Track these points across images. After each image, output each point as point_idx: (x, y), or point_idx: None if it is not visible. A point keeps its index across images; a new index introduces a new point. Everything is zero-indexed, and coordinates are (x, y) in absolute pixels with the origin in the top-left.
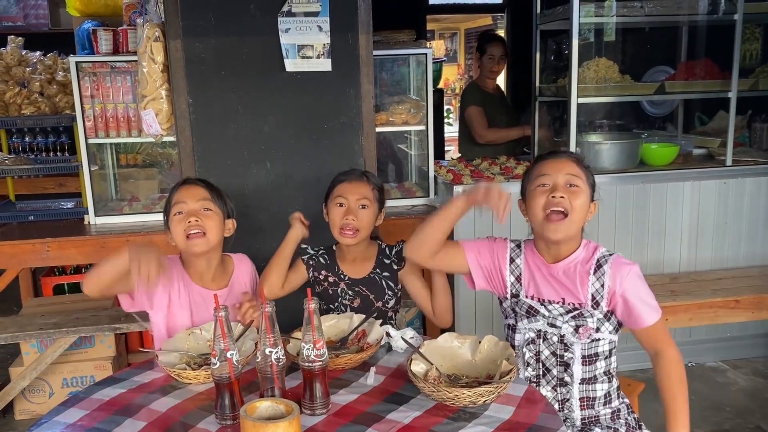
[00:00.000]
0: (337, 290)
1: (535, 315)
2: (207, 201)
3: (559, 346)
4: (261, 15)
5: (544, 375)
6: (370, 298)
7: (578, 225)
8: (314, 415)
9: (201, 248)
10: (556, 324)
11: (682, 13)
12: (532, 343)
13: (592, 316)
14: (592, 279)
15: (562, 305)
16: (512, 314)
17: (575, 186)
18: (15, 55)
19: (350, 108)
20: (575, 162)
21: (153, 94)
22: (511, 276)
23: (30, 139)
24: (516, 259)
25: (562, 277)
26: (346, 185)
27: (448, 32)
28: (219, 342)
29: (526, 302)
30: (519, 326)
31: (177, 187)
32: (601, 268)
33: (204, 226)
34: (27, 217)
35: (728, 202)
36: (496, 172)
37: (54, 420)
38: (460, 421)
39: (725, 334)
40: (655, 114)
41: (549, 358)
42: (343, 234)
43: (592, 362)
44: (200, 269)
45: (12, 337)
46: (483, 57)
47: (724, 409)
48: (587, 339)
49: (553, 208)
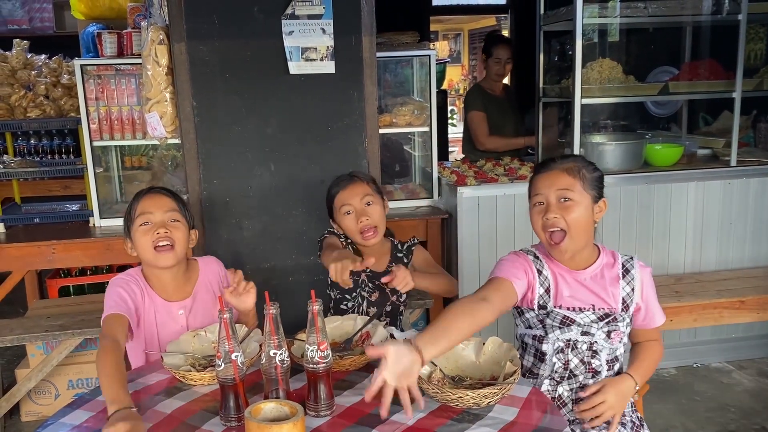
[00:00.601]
0: (358, 280)
1: (569, 325)
2: (174, 212)
3: (587, 354)
4: (264, 18)
5: (568, 378)
6: (386, 292)
7: (582, 236)
8: (318, 416)
9: (169, 262)
10: (590, 332)
11: (685, 14)
12: (561, 352)
13: (624, 320)
14: (623, 284)
15: (592, 312)
16: (539, 325)
17: (569, 200)
18: (20, 58)
19: (354, 110)
20: (566, 172)
21: (157, 96)
22: (541, 288)
23: (35, 142)
24: (543, 270)
25: (590, 283)
26: (344, 193)
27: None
28: (224, 344)
29: (559, 312)
30: (550, 337)
31: (141, 196)
32: (630, 273)
33: (173, 237)
34: (32, 220)
35: (733, 203)
36: (500, 173)
37: (60, 422)
38: (464, 423)
39: (730, 335)
40: (659, 114)
41: (578, 367)
42: (365, 237)
43: (613, 366)
44: (164, 281)
45: (18, 339)
46: (489, 59)
47: (729, 410)
48: (619, 342)
49: (550, 229)
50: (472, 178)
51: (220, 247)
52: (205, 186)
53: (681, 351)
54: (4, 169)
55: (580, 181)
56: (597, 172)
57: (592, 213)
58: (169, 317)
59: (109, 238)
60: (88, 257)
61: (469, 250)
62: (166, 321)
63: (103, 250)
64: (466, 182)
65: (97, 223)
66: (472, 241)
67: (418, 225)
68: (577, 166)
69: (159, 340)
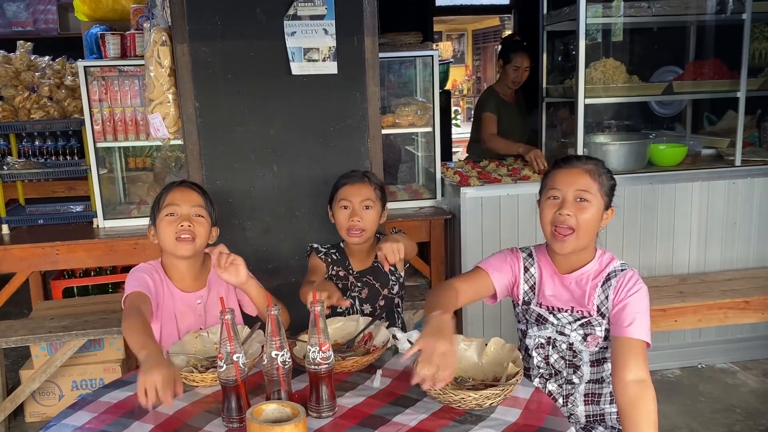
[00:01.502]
0: (347, 284)
1: (544, 323)
2: (200, 207)
3: (567, 352)
4: (267, 18)
5: (554, 375)
6: (376, 287)
7: (587, 237)
8: (320, 417)
9: (188, 252)
10: (564, 332)
11: (689, 13)
12: (541, 347)
13: (600, 324)
14: (599, 291)
15: (570, 314)
16: (523, 320)
17: (585, 200)
18: (24, 60)
19: (356, 110)
20: (587, 173)
21: (160, 98)
22: (525, 285)
23: (39, 143)
24: (530, 268)
25: (574, 287)
26: (349, 188)
27: (456, 33)
28: (225, 345)
29: (535, 310)
30: (529, 332)
31: (171, 188)
32: (609, 281)
33: (194, 231)
34: (36, 221)
35: (738, 203)
36: (503, 174)
37: (62, 423)
38: (466, 424)
39: (735, 336)
40: (663, 114)
41: (558, 361)
42: (350, 234)
43: (600, 364)
44: (181, 271)
45: (22, 340)
46: (507, 66)
47: (735, 411)
48: (595, 347)
49: (561, 224)
50: (476, 179)
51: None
52: (208, 187)
53: (685, 351)
54: (8, 170)
55: (598, 185)
56: (613, 181)
57: (601, 218)
58: (188, 308)
59: (112, 239)
60: (92, 258)
61: (472, 250)
62: (185, 311)
63: (107, 251)
64: (469, 183)
65: (100, 224)
66: (475, 242)
67: (421, 225)
68: (597, 170)
69: (179, 330)
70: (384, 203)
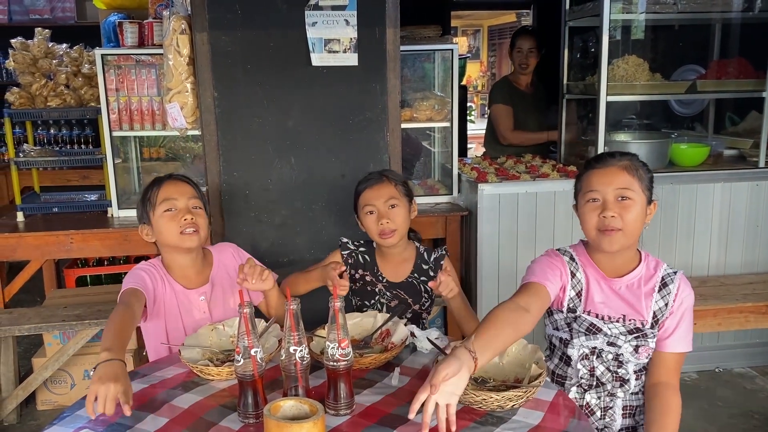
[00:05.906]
0: (374, 289)
1: (595, 333)
2: (197, 199)
3: (613, 363)
4: (288, 8)
5: (595, 387)
6: (408, 301)
7: (635, 235)
8: (338, 415)
9: (194, 243)
10: (616, 343)
11: (715, 11)
12: (586, 358)
13: (654, 336)
14: (656, 297)
15: (622, 323)
16: (566, 328)
17: (627, 198)
18: (42, 47)
19: (376, 103)
20: (625, 170)
21: (178, 87)
22: (572, 291)
23: (55, 132)
24: (576, 273)
25: (625, 293)
26: (370, 192)
27: (471, 29)
28: (243, 339)
29: (587, 319)
30: (575, 342)
31: (161, 183)
32: (667, 287)
33: (197, 224)
34: (51, 209)
35: (760, 205)
36: (522, 171)
37: (76, 414)
38: (487, 426)
39: (754, 340)
40: (683, 114)
41: (605, 374)
42: (383, 238)
43: (641, 376)
44: (183, 267)
45: (35, 328)
46: (513, 51)
47: (753, 417)
48: (646, 358)
49: (607, 228)
50: (493, 175)
51: (238, 240)
52: (225, 178)
53: (703, 355)
54: (24, 157)
55: (638, 181)
56: (650, 173)
57: (645, 214)
58: (192, 305)
59: (126, 229)
60: (106, 247)
61: (488, 248)
62: (189, 309)
63: (120, 241)
64: (486, 179)
65: (115, 214)
66: (492, 239)
67: (437, 221)
68: (634, 165)
69: (184, 327)
70: (411, 198)
